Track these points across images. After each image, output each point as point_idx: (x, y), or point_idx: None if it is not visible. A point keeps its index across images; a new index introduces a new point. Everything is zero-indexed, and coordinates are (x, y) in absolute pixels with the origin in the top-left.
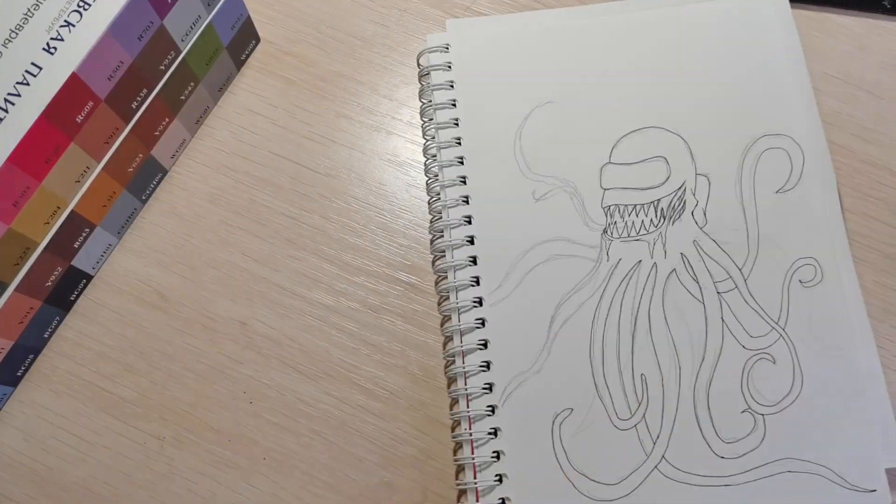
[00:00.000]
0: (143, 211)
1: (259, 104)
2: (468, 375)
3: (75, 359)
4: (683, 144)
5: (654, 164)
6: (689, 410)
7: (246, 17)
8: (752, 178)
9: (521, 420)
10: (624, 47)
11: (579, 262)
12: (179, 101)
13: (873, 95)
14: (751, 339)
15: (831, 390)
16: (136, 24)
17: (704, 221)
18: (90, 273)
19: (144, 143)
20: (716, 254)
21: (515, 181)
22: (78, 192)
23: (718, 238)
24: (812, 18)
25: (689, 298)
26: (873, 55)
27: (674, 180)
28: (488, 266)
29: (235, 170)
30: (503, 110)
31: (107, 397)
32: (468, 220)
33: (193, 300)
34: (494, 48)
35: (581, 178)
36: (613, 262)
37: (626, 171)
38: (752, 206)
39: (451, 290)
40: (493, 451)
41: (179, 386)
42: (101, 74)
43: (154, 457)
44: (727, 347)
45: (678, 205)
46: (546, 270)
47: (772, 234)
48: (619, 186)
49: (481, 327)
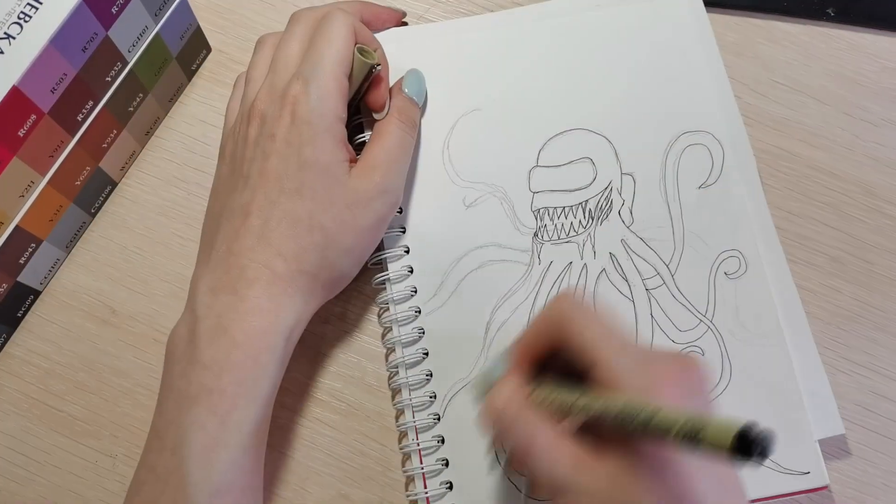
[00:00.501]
0: (93, 224)
1: (210, 114)
2: (412, 387)
3: (23, 377)
4: (608, 145)
5: (580, 166)
6: None
7: (196, 26)
8: (675, 175)
9: (464, 427)
10: (546, 52)
11: (512, 267)
12: (128, 112)
13: (819, 102)
14: (680, 332)
15: (760, 378)
16: (79, 35)
17: (631, 220)
18: (38, 289)
19: (92, 155)
20: (643, 251)
21: (446, 189)
22: (22, 206)
23: (645, 236)
24: (760, 27)
25: (619, 297)
26: (819, 62)
27: (600, 181)
28: (424, 275)
29: (187, 181)
30: (430, 120)
31: (56, 415)
32: (402, 230)
33: (145, 314)
34: (420, 58)
35: (510, 183)
36: (545, 265)
37: (554, 173)
38: (676, 203)
39: (389, 302)
40: (439, 459)
41: (131, 402)
42: (43, 87)
43: (106, 475)
44: (657, 342)
45: (605, 205)
46: (480, 276)
47: (696, 229)
48: (548, 189)
49: (421, 337)
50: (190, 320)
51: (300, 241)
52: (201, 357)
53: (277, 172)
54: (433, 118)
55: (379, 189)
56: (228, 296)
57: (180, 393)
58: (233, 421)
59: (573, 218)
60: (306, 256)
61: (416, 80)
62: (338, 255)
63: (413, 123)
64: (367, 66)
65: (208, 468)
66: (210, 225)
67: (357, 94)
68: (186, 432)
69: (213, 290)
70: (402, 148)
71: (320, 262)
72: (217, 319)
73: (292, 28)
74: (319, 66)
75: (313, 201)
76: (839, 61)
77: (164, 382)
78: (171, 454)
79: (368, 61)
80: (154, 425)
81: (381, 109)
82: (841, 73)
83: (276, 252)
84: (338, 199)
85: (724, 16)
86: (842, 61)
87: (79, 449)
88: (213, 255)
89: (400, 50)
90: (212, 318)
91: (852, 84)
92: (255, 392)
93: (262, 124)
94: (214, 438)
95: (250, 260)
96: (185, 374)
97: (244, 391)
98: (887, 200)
